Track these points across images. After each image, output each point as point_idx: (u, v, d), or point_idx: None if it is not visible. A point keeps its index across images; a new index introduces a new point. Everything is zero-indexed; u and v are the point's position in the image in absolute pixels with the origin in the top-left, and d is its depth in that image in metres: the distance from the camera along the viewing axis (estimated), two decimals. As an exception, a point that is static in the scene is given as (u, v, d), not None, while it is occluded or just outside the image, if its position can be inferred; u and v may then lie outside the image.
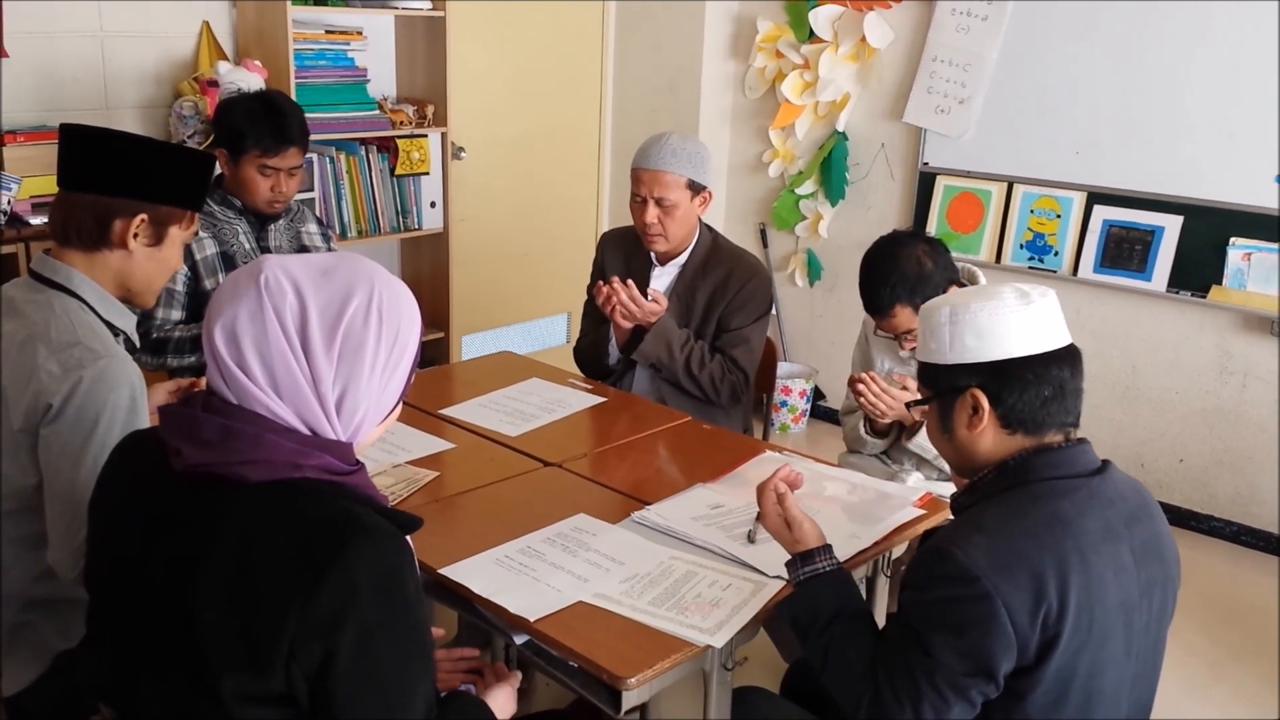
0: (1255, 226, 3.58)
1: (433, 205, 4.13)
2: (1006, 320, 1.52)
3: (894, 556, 2.18)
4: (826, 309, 4.73)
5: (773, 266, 4.81)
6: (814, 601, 1.67)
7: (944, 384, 1.59)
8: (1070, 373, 1.54)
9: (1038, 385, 1.52)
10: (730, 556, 1.93)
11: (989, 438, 1.56)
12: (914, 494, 2.23)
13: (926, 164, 4.28)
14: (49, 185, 1.82)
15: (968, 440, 1.58)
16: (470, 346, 4.55)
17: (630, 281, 2.77)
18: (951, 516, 1.68)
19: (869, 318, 2.62)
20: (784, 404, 4.65)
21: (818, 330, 4.79)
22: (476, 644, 2.19)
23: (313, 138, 2.93)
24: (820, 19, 4.34)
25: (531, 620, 1.71)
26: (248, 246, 2.84)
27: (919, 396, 1.68)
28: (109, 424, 1.67)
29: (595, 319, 3.00)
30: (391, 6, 3.83)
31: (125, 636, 1.25)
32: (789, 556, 1.75)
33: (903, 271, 2.45)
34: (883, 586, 2.22)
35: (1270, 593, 3.50)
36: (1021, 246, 4.08)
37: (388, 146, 3.95)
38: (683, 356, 2.81)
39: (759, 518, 1.85)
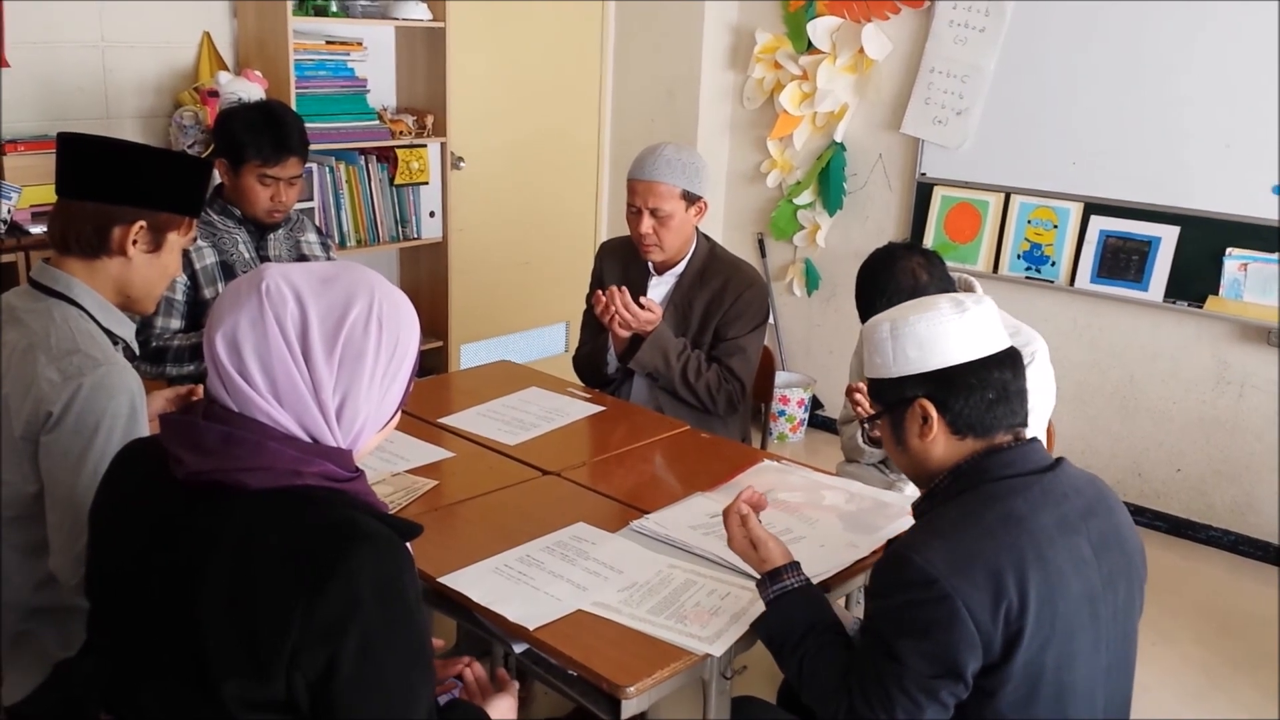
0: (1252, 237, 3.60)
1: (432, 215, 4.13)
2: (944, 329, 1.56)
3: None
4: (824, 318, 4.74)
5: (771, 276, 4.82)
6: (785, 618, 1.69)
7: (892, 397, 1.63)
8: (1012, 374, 1.58)
9: (981, 389, 1.56)
10: (729, 565, 1.93)
11: (941, 445, 1.59)
12: (911, 503, 2.23)
13: (924, 174, 4.29)
14: (49, 194, 1.83)
15: (921, 450, 1.61)
16: (469, 355, 4.56)
17: (624, 289, 2.78)
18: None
19: (867, 327, 2.63)
20: (782, 413, 4.65)
21: (816, 340, 4.80)
22: (475, 653, 2.19)
23: (312, 147, 2.94)
24: (818, 30, 4.36)
25: (531, 629, 1.71)
26: (247, 256, 2.85)
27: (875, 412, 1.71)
28: (109, 431, 1.67)
29: (594, 328, 3.00)
30: (391, 17, 3.84)
31: (126, 643, 1.25)
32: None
33: (898, 284, 2.45)
34: (881, 595, 2.22)
35: (1268, 602, 3.50)
36: (1019, 257, 4.09)
37: (387, 156, 3.96)
38: (679, 365, 2.82)
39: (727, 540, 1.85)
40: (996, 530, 1.49)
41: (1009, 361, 1.59)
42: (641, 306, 2.76)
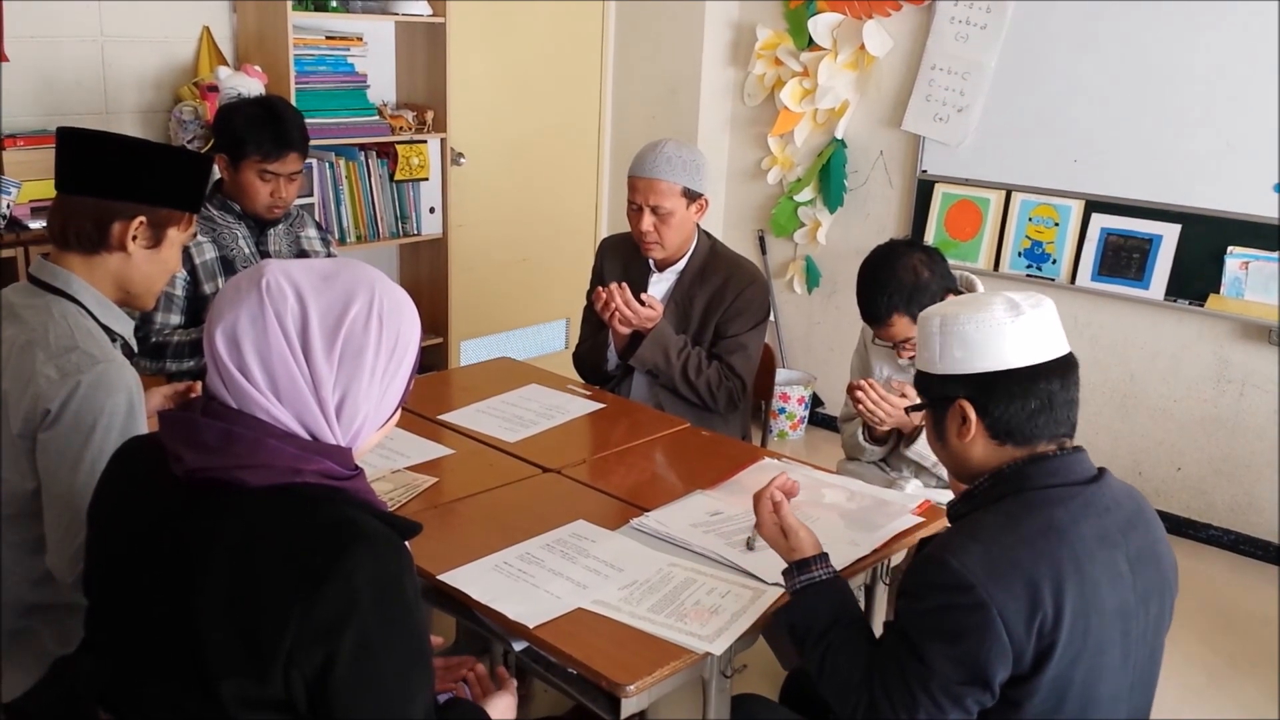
0: (1253, 235, 3.59)
1: (432, 211, 4.13)
2: (993, 333, 1.52)
3: (893, 564, 2.18)
4: (825, 316, 4.74)
5: (771, 273, 4.82)
6: (811, 610, 1.67)
7: (935, 393, 1.60)
8: (1060, 385, 1.54)
9: (1024, 398, 1.52)
10: (729, 563, 1.93)
11: (979, 447, 1.57)
12: (912, 501, 2.23)
13: (925, 171, 4.28)
14: (49, 189, 1.83)
15: (959, 448, 1.59)
16: (469, 352, 4.55)
17: (625, 285, 2.77)
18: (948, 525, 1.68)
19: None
20: (782, 411, 4.65)
21: (816, 337, 4.80)
22: (475, 650, 2.19)
23: (312, 143, 2.93)
24: (819, 27, 4.35)
25: (530, 627, 1.70)
26: (247, 251, 2.84)
27: (918, 402, 1.69)
28: (106, 429, 1.66)
29: (594, 325, 3.00)
30: (392, 12, 3.83)
31: (125, 641, 1.25)
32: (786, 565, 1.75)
33: (900, 281, 2.45)
34: (882, 594, 2.22)
35: (1268, 601, 3.50)
36: (1019, 254, 4.08)
37: (387, 152, 3.96)
38: (679, 362, 2.81)
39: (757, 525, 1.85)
40: (1036, 540, 1.46)
41: (1059, 371, 1.53)
42: (642, 303, 2.76)
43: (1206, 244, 3.68)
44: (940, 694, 1.46)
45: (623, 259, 3.03)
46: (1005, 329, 1.52)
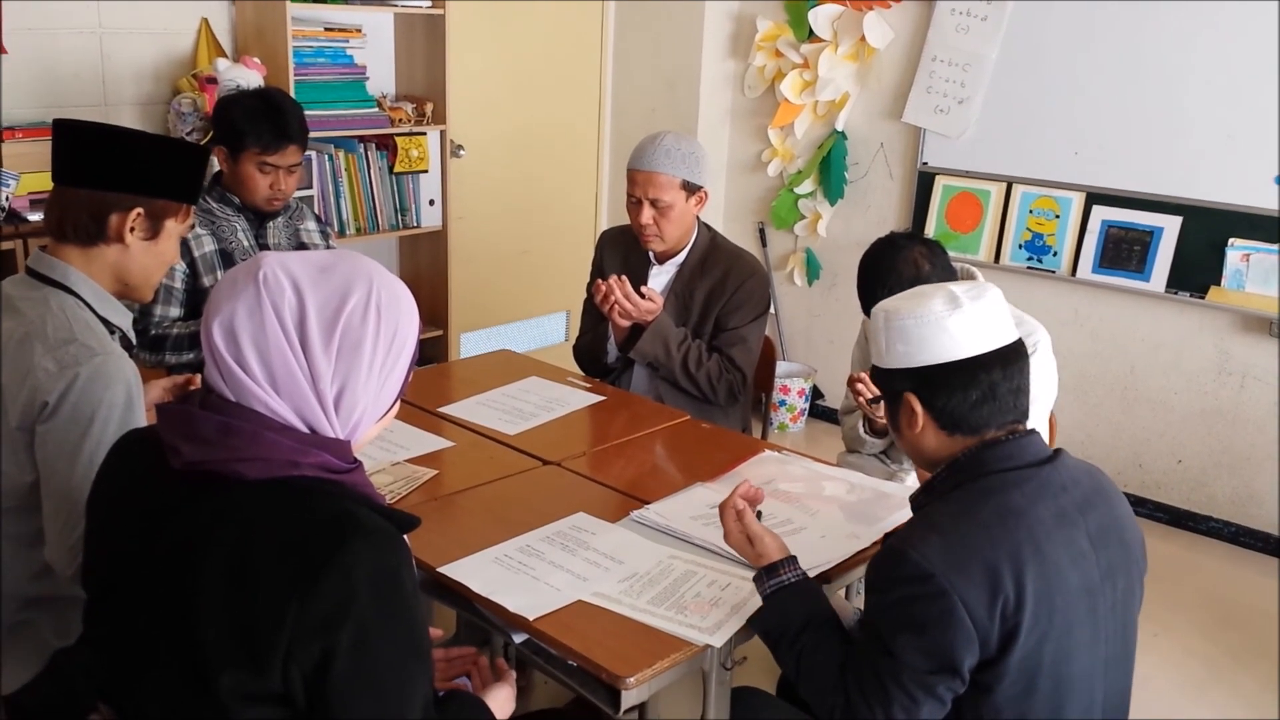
0: (1254, 227, 3.58)
1: (431, 203, 4.12)
2: (932, 327, 1.55)
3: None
4: (825, 308, 4.73)
5: (771, 266, 4.81)
6: (782, 613, 1.69)
7: (885, 387, 1.64)
8: (1003, 374, 1.55)
9: (964, 389, 1.55)
10: (729, 556, 1.93)
11: (930, 438, 1.60)
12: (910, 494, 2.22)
13: (925, 164, 4.27)
14: (48, 181, 1.82)
15: (913, 439, 1.62)
16: (469, 344, 4.55)
17: (624, 278, 2.77)
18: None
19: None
20: (783, 403, 4.65)
21: (816, 329, 4.79)
22: (475, 643, 2.19)
23: (311, 135, 2.92)
24: (820, 18, 4.34)
25: (530, 619, 1.70)
26: (246, 244, 2.84)
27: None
28: (104, 421, 1.66)
29: (594, 317, 3.00)
30: (391, 4, 3.82)
31: (123, 634, 1.25)
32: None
33: (900, 274, 2.44)
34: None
35: (1269, 594, 3.50)
36: (1020, 247, 4.08)
37: (387, 144, 3.95)
38: (680, 355, 2.81)
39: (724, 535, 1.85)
40: (993, 525, 1.49)
41: (1000, 361, 1.55)
42: (642, 296, 2.76)
43: (1207, 236, 3.67)
44: (912, 685, 1.48)
45: (623, 251, 3.02)
46: (944, 323, 1.55)
